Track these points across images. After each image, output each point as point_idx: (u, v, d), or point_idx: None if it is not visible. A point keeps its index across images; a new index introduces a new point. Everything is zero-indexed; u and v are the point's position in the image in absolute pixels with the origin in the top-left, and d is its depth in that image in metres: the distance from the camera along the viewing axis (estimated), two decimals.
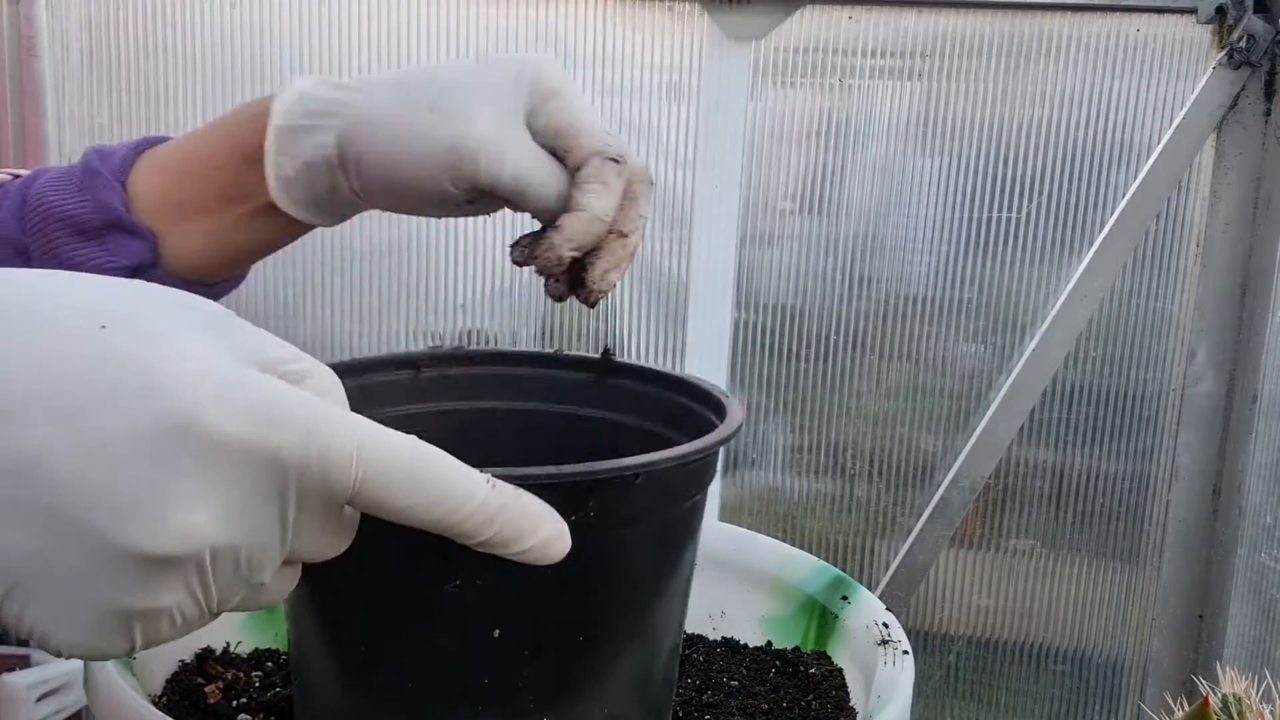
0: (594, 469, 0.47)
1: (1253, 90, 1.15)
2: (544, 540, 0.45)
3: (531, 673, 0.50)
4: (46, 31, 1.21)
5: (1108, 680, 1.29)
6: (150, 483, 0.38)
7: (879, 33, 1.18)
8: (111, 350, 0.38)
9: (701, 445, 0.51)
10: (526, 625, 0.49)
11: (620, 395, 0.66)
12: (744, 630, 0.86)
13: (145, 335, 0.39)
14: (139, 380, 0.38)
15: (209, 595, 0.41)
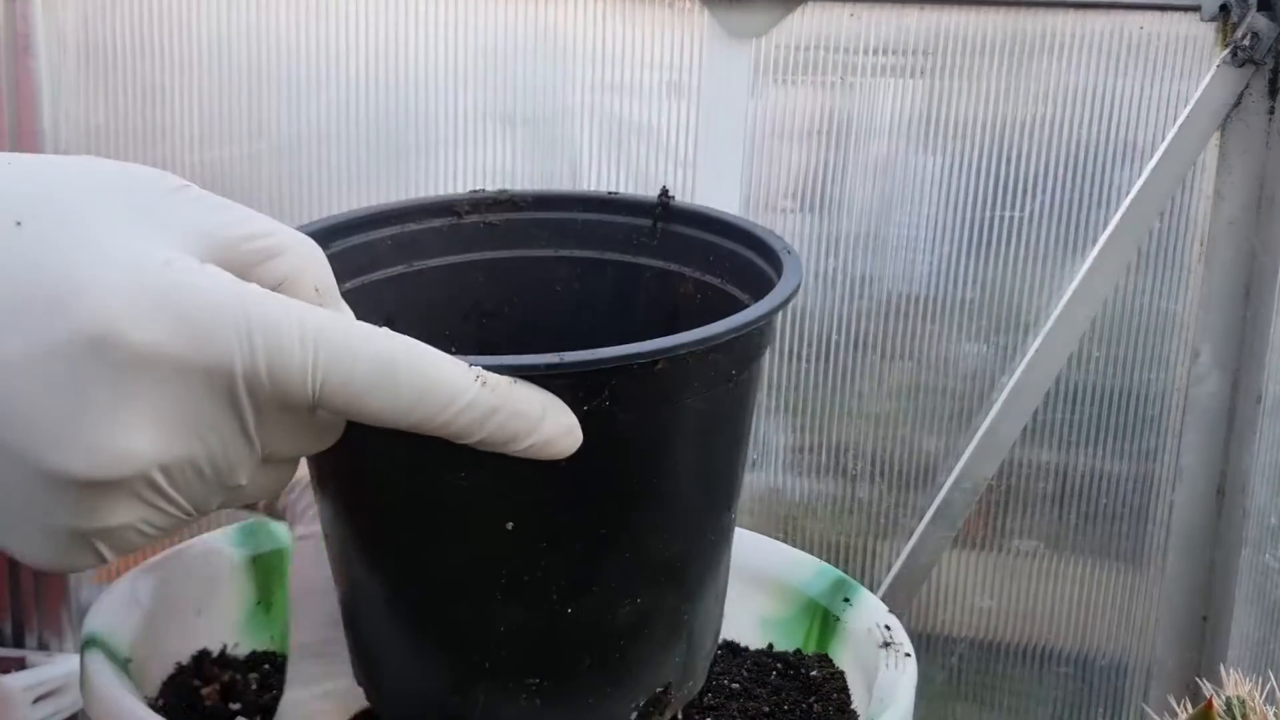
0: (602, 357, 0.42)
1: (1256, 88, 1.14)
2: (548, 437, 0.42)
3: (550, 565, 0.47)
4: (42, 29, 1.21)
5: (1111, 682, 1.28)
6: (73, 405, 0.34)
7: (881, 30, 1.18)
8: (23, 253, 0.34)
9: (736, 323, 0.46)
10: (540, 518, 0.47)
11: (679, 243, 0.60)
12: (745, 632, 0.85)
13: (61, 232, 0.35)
14: (48, 289, 0.34)
15: (175, 504, 0.38)
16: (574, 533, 0.47)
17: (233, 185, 1.24)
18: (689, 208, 0.60)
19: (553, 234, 0.60)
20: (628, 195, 0.63)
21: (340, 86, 1.21)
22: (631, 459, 0.47)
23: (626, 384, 0.43)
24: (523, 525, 0.46)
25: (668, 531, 0.50)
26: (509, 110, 1.22)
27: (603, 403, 0.43)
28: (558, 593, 0.48)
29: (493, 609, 0.48)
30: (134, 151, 1.24)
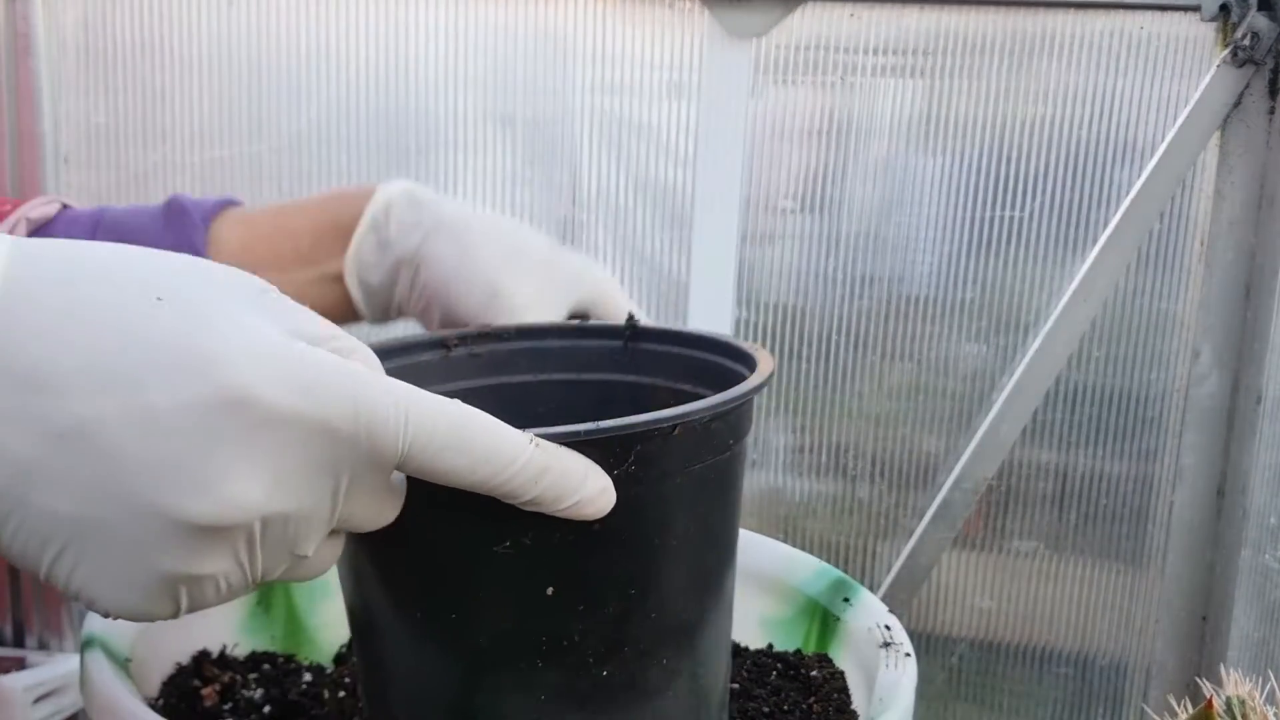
0: (632, 423, 0.47)
1: (1257, 88, 1.14)
2: (588, 496, 0.46)
3: (587, 628, 0.51)
4: (43, 30, 1.21)
5: (1111, 682, 1.28)
6: (202, 453, 0.39)
7: (881, 30, 1.18)
8: (166, 324, 0.39)
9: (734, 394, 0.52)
10: (578, 581, 0.50)
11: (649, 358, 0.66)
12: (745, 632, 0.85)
13: (198, 309, 0.40)
14: (193, 354, 0.39)
15: (254, 564, 0.42)
16: (607, 595, 0.51)
17: (234, 185, 1.24)
18: (655, 327, 0.67)
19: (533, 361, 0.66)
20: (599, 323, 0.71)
21: (341, 87, 1.21)
22: (654, 520, 0.51)
23: (649, 449, 0.48)
24: (562, 590, 0.49)
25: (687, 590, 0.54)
26: (510, 110, 1.22)
27: (629, 467, 0.48)
28: (593, 655, 0.51)
29: (534, 676, 0.51)
30: (135, 152, 1.24)
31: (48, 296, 0.39)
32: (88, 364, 0.38)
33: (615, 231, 1.23)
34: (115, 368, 0.38)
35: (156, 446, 0.38)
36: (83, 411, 0.38)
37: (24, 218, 0.71)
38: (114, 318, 0.39)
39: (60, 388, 0.38)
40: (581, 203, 1.23)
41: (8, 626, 1.28)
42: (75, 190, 1.24)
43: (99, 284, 0.40)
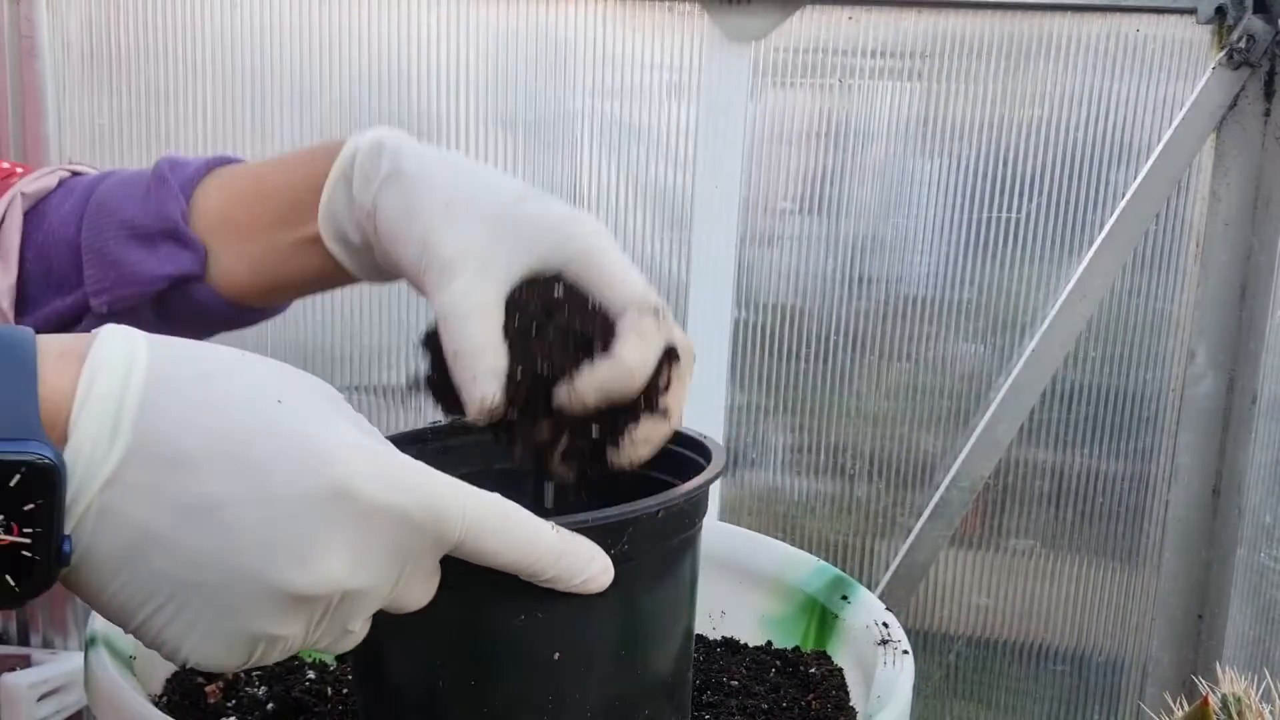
0: (627, 510, 0.55)
1: (1252, 90, 1.15)
2: (594, 574, 0.53)
3: (587, 687, 0.58)
4: (47, 32, 1.21)
5: (1107, 680, 1.29)
6: (310, 534, 0.45)
7: (879, 33, 1.18)
8: (286, 423, 0.45)
9: (702, 480, 0.59)
10: (580, 646, 0.57)
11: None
12: (744, 630, 0.86)
13: (308, 412, 0.46)
14: (310, 451, 0.45)
15: (317, 631, 0.47)
16: (604, 657, 0.58)
17: None
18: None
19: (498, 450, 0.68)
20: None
21: (343, 90, 1.22)
22: (641, 589, 0.59)
23: (639, 530, 0.56)
24: (567, 654, 0.56)
25: (665, 648, 0.62)
26: (511, 113, 1.22)
27: (623, 545, 0.55)
28: (591, 711, 0.58)
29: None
30: (139, 154, 1.24)
31: (189, 388, 0.44)
32: (223, 451, 0.44)
33: (615, 232, 1.24)
34: (246, 456, 0.44)
35: (273, 526, 0.44)
36: (214, 490, 0.44)
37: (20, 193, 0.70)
38: (245, 414, 0.45)
39: (196, 468, 0.43)
40: (582, 204, 1.24)
41: (12, 624, 1.29)
42: None
43: (230, 380, 0.46)
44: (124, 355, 0.44)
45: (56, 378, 0.43)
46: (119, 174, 0.71)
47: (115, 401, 0.43)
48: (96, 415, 0.43)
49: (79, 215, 0.69)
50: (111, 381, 0.43)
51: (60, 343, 0.44)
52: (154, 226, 0.68)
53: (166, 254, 0.68)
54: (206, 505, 0.44)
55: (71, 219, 0.69)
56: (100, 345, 0.44)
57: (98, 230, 0.68)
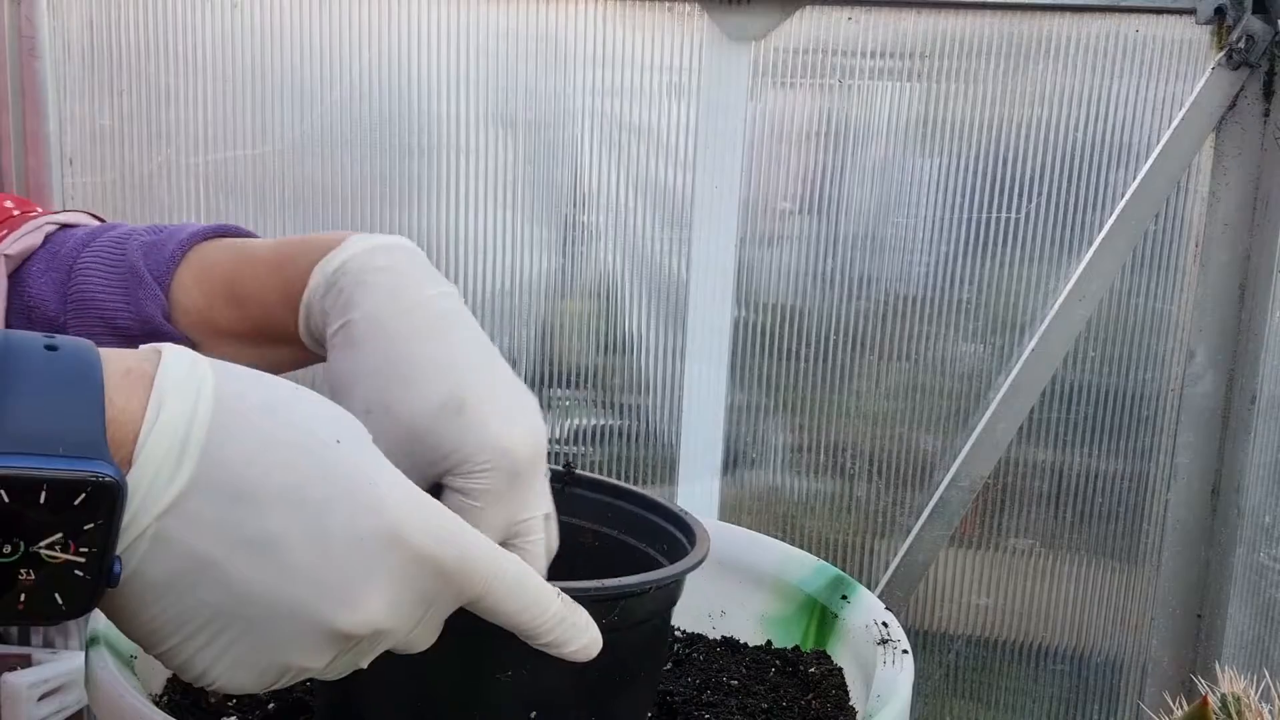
0: (624, 583, 0.58)
1: (1251, 91, 1.15)
2: (586, 644, 0.53)
3: None
4: (48, 32, 1.21)
5: (1107, 679, 1.29)
6: (359, 575, 0.46)
7: (878, 33, 1.18)
8: (344, 465, 0.46)
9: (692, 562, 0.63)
10: (557, 708, 0.59)
11: (581, 502, 0.75)
12: (744, 629, 0.86)
13: (363, 456, 0.47)
14: (368, 495, 0.46)
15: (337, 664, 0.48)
16: (578, 713, 0.61)
17: (238, 187, 1.25)
18: (588, 476, 0.75)
19: None
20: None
21: (344, 90, 1.22)
22: (623, 656, 0.61)
23: (630, 604, 0.59)
24: (543, 714, 0.59)
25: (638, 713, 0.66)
26: (511, 113, 1.22)
27: (614, 616, 0.57)
28: None
29: None
30: (139, 153, 1.24)
31: (254, 419, 0.45)
32: (283, 488, 0.44)
33: (615, 232, 1.24)
34: (306, 496, 0.45)
35: (326, 566, 0.45)
36: (272, 527, 0.44)
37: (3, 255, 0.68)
38: (306, 453, 0.45)
39: (256, 503, 0.44)
40: (582, 204, 1.24)
41: None
42: (79, 191, 1.25)
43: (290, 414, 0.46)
44: (191, 380, 0.44)
45: (124, 398, 0.43)
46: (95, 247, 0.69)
47: (183, 429, 0.43)
48: (164, 441, 0.43)
49: (61, 297, 0.68)
50: (180, 407, 0.43)
51: (124, 360, 0.44)
52: (136, 329, 0.67)
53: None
54: (264, 540, 0.44)
55: (53, 300, 0.68)
56: (167, 368, 0.44)
57: (81, 320, 0.67)
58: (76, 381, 0.42)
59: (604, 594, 0.57)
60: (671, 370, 1.26)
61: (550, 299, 1.26)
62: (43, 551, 0.41)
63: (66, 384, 0.42)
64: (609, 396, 1.28)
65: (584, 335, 1.27)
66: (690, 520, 0.69)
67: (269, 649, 0.46)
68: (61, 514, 0.41)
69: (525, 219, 1.24)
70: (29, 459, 0.40)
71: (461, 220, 1.24)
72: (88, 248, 0.69)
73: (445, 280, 0.62)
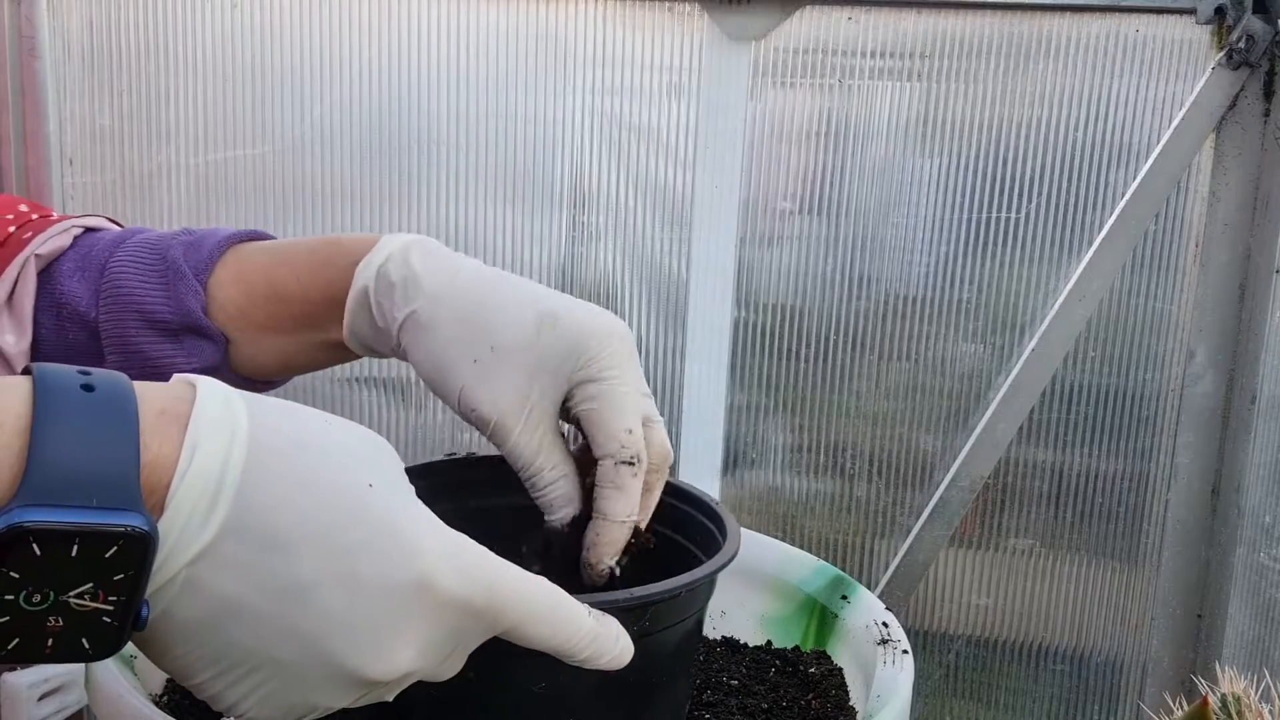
0: (654, 590, 0.58)
1: (1252, 91, 1.15)
2: (619, 654, 0.54)
3: None
4: (48, 32, 1.22)
5: (1107, 679, 1.29)
6: (389, 624, 0.46)
7: (878, 33, 1.18)
8: (377, 509, 0.46)
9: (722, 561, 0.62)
10: (591, 711, 0.60)
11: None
12: (744, 629, 0.86)
13: (397, 500, 0.48)
14: (399, 543, 0.46)
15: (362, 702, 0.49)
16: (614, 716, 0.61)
17: (237, 187, 1.25)
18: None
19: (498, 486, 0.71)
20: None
21: (344, 89, 1.22)
22: (656, 660, 0.62)
23: (662, 608, 0.59)
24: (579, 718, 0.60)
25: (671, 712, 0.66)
26: (511, 112, 1.22)
27: (645, 622, 0.58)
28: None
29: None
30: (139, 153, 1.24)
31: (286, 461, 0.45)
32: (316, 533, 0.44)
33: (615, 232, 1.24)
34: (340, 544, 0.45)
35: (357, 612, 0.45)
36: (304, 573, 0.44)
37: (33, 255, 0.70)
38: (338, 496, 0.46)
39: (289, 549, 0.44)
40: (582, 203, 1.24)
41: None
42: (79, 191, 1.25)
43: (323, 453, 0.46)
44: (225, 421, 0.44)
45: (159, 443, 0.43)
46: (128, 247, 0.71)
47: (217, 474, 0.43)
48: (197, 486, 0.43)
49: (93, 293, 0.70)
50: (214, 449, 0.43)
51: (159, 399, 0.44)
52: (176, 322, 0.69)
53: (191, 347, 0.69)
54: (296, 586, 0.44)
55: (85, 295, 0.69)
56: (202, 407, 0.44)
57: (117, 319, 0.69)
58: (112, 424, 0.42)
59: (634, 602, 0.57)
60: (671, 370, 1.26)
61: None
62: (72, 601, 0.41)
63: (102, 428, 0.41)
64: None
65: None
66: (720, 511, 0.69)
67: (298, 690, 0.46)
68: (93, 565, 0.40)
69: (525, 218, 1.24)
70: (62, 511, 0.40)
71: (461, 220, 1.24)
72: (120, 248, 0.71)
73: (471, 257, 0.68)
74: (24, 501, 0.39)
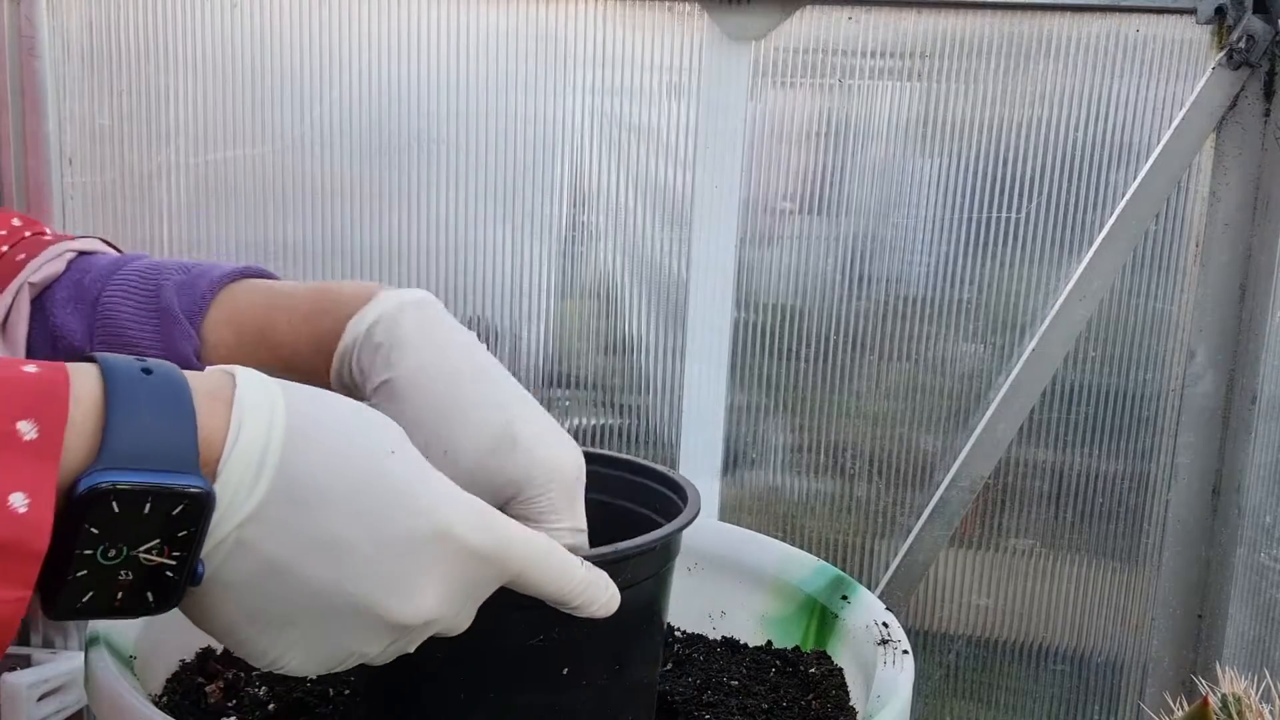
0: (636, 543, 0.64)
1: (1252, 91, 1.15)
2: (606, 602, 0.59)
3: (586, 697, 0.66)
4: (47, 32, 1.22)
5: (1107, 680, 1.29)
6: (413, 571, 0.51)
7: (879, 33, 1.18)
8: (400, 474, 0.52)
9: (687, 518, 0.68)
10: (584, 662, 0.65)
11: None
12: (744, 630, 0.86)
13: (412, 465, 0.53)
14: (420, 501, 0.51)
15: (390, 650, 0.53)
16: (601, 671, 0.66)
17: (237, 187, 1.24)
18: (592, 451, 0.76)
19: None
20: None
21: (343, 89, 1.22)
22: (636, 611, 0.67)
23: (640, 561, 0.64)
24: (572, 670, 0.64)
25: (647, 661, 0.70)
26: (511, 112, 1.22)
27: (626, 574, 0.62)
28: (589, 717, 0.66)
29: None
30: (138, 153, 1.24)
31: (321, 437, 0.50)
32: (348, 496, 0.50)
33: (616, 232, 1.24)
34: (368, 503, 0.50)
35: (385, 562, 0.50)
36: (339, 530, 0.49)
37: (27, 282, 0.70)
38: (364, 464, 0.51)
39: (325, 509, 0.49)
40: (582, 203, 1.24)
41: None
42: (79, 191, 1.25)
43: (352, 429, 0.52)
44: (266, 404, 0.49)
45: (210, 420, 0.48)
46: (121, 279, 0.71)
47: (261, 447, 0.48)
48: (244, 460, 0.48)
49: (87, 327, 0.70)
50: (257, 427, 0.48)
51: (206, 384, 0.49)
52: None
53: None
54: (332, 542, 0.49)
55: (79, 330, 0.70)
56: (243, 391, 0.49)
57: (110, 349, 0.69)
58: (172, 404, 0.47)
59: (619, 555, 0.62)
60: (671, 370, 1.26)
61: (551, 299, 1.26)
62: (141, 555, 0.46)
63: (165, 407, 0.47)
64: (609, 396, 1.28)
65: (584, 335, 1.27)
66: (679, 479, 0.73)
67: (334, 638, 0.51)
68: (161, 523, 0.46)
69: (525, 218, 1.24)
70: (136, 474, 0.45)
71: (462, 219, 1.24)
72: (113, 278, 0.71)
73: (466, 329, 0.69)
74: (104, 465, 0.44)
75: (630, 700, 0.69)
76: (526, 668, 0.64)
